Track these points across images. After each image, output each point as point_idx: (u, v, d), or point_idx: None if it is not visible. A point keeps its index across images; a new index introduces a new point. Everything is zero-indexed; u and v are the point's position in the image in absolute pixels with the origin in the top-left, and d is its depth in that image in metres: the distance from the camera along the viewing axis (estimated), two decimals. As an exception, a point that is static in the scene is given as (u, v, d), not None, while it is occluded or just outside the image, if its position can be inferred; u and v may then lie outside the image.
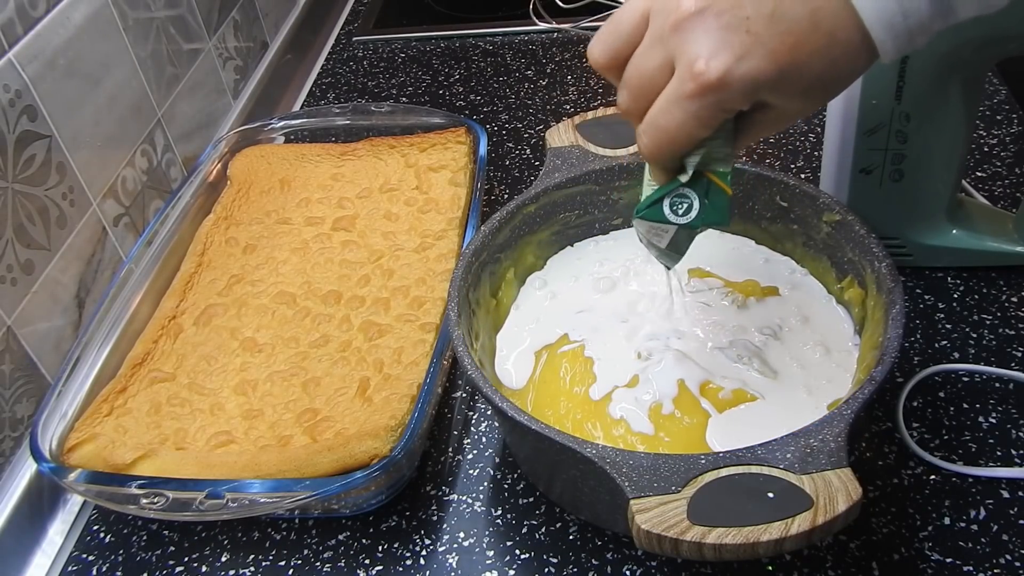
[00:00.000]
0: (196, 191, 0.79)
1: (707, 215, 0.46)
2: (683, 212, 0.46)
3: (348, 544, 0.57)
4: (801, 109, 0.42)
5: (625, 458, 0.44)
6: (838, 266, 0.59)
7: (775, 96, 0.40)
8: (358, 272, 0.70)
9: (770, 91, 0.39)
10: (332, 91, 1.04)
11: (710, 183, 0.45)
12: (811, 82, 0.39)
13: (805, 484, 0.42)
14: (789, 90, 0.39)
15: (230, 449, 0.58)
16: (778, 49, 0.38)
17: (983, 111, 0.83)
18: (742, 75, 0.38)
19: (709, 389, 0.53)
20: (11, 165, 0.63)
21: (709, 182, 0.45)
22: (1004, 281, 0.67)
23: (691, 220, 0.46)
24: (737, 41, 0.37)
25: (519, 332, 0.61)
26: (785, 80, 0.38)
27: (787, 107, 0.41)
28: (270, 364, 0.64)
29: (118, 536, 0.59)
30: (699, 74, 0.38)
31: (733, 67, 0.38)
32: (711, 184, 0.45)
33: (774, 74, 0.38)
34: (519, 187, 0.84)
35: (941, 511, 0.53)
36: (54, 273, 0.67)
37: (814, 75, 0.39)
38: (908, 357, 0.62)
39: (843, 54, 0.38)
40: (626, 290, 0.62)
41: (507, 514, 0.57)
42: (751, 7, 0.37)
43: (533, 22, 1.02)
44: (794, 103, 0.41)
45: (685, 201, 0.46)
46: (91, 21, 0.73)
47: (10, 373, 0.62)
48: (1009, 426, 0.57)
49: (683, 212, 0.46)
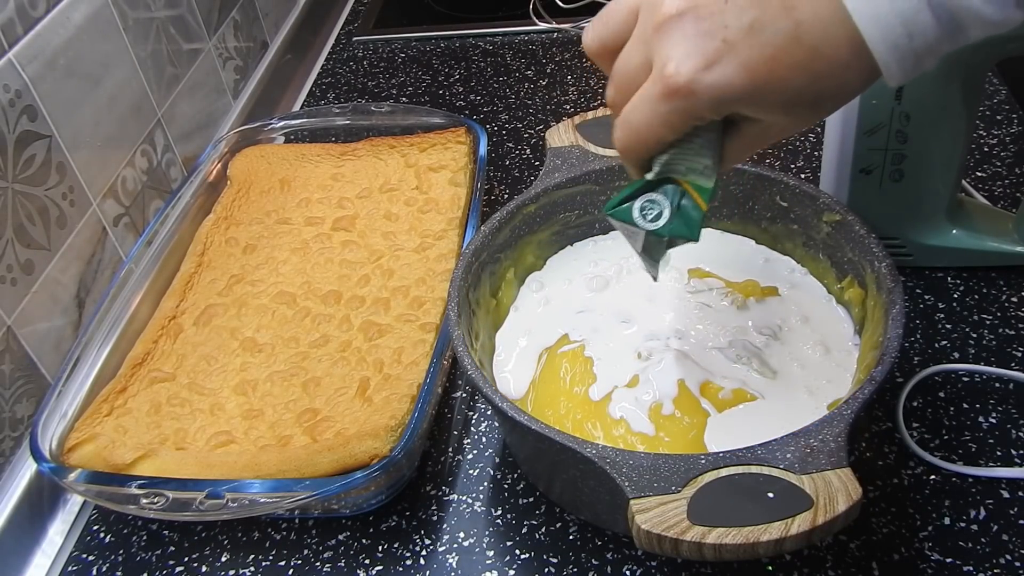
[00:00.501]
0: (196, 191, 0.79)
1: (675, 227, 0.45)
2: (652, 218, 0.45)
3: (348, 544, 0.57)
4: (789, 124, 0.41)
5: (625, 458, 0.44)
6: (838, 266, 0.59)
7: (752, 109, 0.39)
8: (358, 272, 0.70)
9: (745, 103, 0.38)
10: (332, 91, 1.04)
11: (684, 194, 0.44)
12: (791, 97, 0.38)
13: (805, 484, 0.42)
14: (767, 104, 0.39)
15: (230, 449, 0.58)
16: (754, 60, 0.37)
17: (983, 111, 0.83)
18: (710, 83, 0.37)
19: (709, 389, 0.53)
20: (11, 165, 0.63)
21: (684, 193, 0.44)
22: (1004, 281, 0.67)
23: (658, 228, 0.45)
24: (711, 48, 0.37)
25: (516, 336, 0.60)
26: (761, 93, 0.38)
27: (772, 121, 0.40)
28: (270, 364, 0.64)
29: (118, 536, 0.59)
30: (667, 77, 0.38)
31: (701, 74, 0.37)
32: (685, 195, 0.44)
33: (746, 85, 0.37)
34: (519, 187, 0.84)
35: (941, 511, 0.53)
36: (54, 273, 0.67)
37: (794, 90, 0.38)
38: (908, 357, 0.62)
39: (828, 70, 0.37)
40: (619, 289, 0.62)
41: (507, 514, 0.57)
42: (732, 16, 0.37)
43: (533, 22, 1.02)
44: (776, 118, 0.40)
45: (656, 207, 0.45)
46: (91, 21, 0.73)
47: (10, 373, 0.62)
48: (1009, 426, 0.57)
49: (652, 218, 0.45)
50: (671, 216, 0.45)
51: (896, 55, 0.36)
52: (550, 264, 0.65)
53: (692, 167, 0.43)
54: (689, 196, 0.44)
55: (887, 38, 0.36)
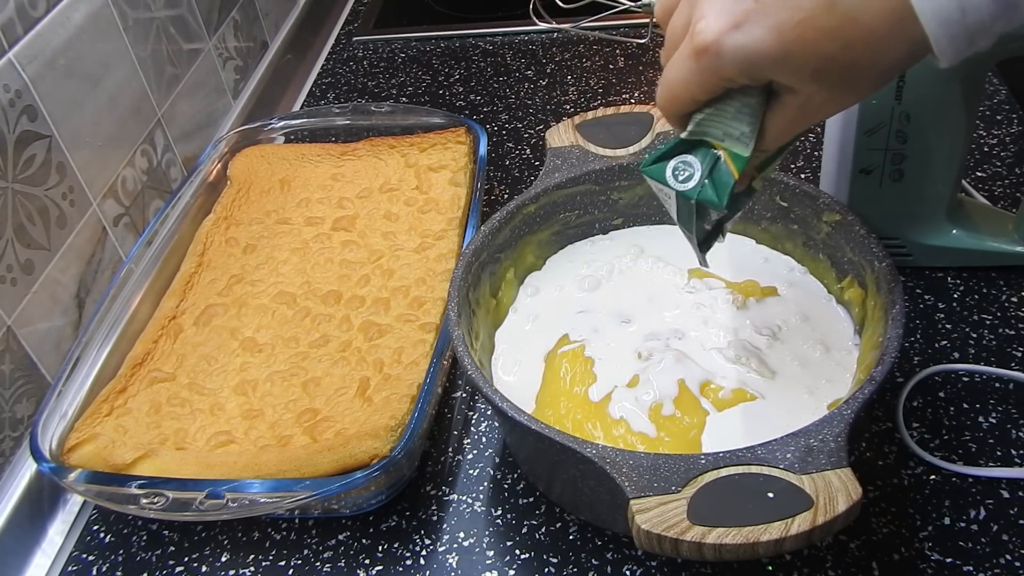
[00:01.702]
0: (196, 191, 0.79)
1: (704, 191, 0.44)
2: (683, 179, 0.45)
3: (348, 544, 0.57)
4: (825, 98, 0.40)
5: (625, 458, 0.44)
6: (838, 266, 0.59)
7: (783, 75, 0.39)
8: (358, 272, 0.70)
9: (772, 67, 0.38)
10: (332, 91, 1.04)
11: (718, 159, 0.44)
12: (821, 63, 0.38)
13: (805, 484, 0.42)
14: (795, 69, 0.38)
15: (230, 449, 0.58)
16: (783, 23, 0.37)
17: (983, 111, 0.83)
18: (735, 44, 0.37)
19: (709, 389, 0.53)
20: (11, 165, 0.63)
21: (717, 157, 0.44)
22: (1004, 281, 0.67)
23: (687, 190, 0.45)
24: (740, 9, 0.37)
25: (516, 337, 0.60)
26: (788, 57, 0.37)
27: (807, 92, 0.40)
28: (270, 364, 0.64)
29: (118, 536, 0.59)
30: (696, 35, 0.38)
31: (728, 34, 0.38)
32: (719, 161, 0.44)
33: (773, 48, 0.37)
34: (519, 187, 0.84)
35: (941, 511, 0.53)
36: (54, 273, 0.67)
37: (824, 56, 0.37)
38: (908, 357, 0.62)
39: (863, 39, 0.36)
40: (612, 288, 0.62)
41: (507, 514, 0.57)
42: None
43: (533, 22, 1.02)
44: (808, 87, 0.39)
45: (688, 169, 0.45)
46: (91, 21, 0.73)
47: (10, 373, 0.62)
48: (1009, 426, 0.57)
49: (683, 179, 0.45)
50: (701, 179, 0.44)
51: (947, 31, 0.35)
52: (550, 264, 0.65)
53: (729, 132, 0.43)
54: (724, 162, 0.44)
55: (939, 12, 0.35)
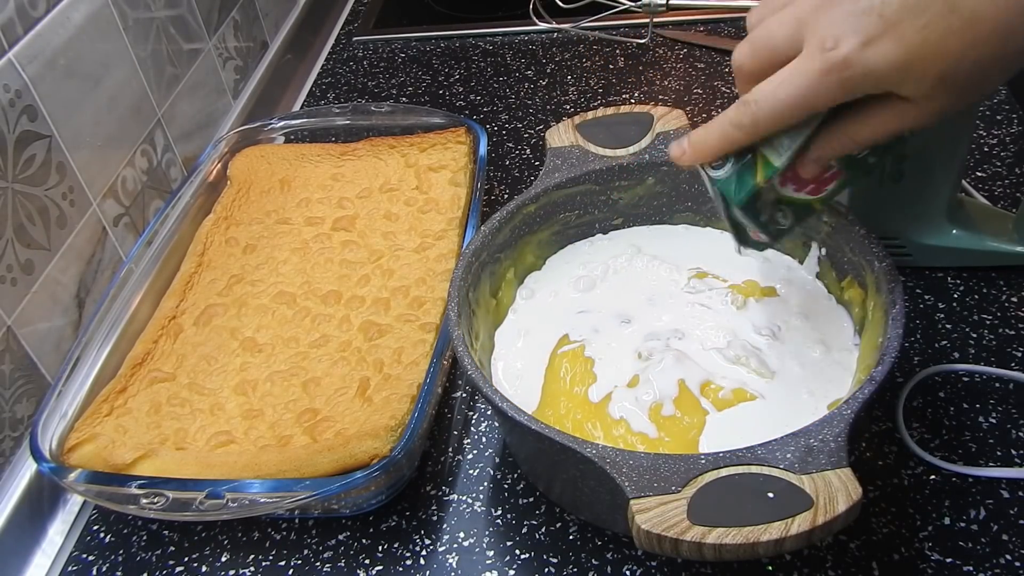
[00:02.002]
0: (196, 191, 0.78)
1: (725, 182, 0.47)
2: (716, 166, 0.48)
3: (348, 544, 0.57)
4: (940, 105, 0.41)
5: (625, 458, 0.44)
6: (838, 266, 0.59)
7: (908, 84, 0.39)
8: (358, 272, 0.70)
9: (899, 76, 0.39)
10: (332, 91, 1.04)
11: (753, 161, 0.46)
12: (948, 66, 0.38)
13: (805, 484, 0.42)
14: (921, 76, 0.39)
15: (230, 449, 0.58)
16: (907, 30, 0.38)
17: (983, 111, 0.83)
18: (869, 61, 0.39)
19: (709, 389, 0.53)
20: (11, 165, 0.63)
21: (752, 159, 0.46)
22: (1004, 281, 0.67)
23: (716, 175, 0.47)
24: (869, 23, 0.39)
25: (516, 337, 0.60)
26: (915, 63, 0.38)
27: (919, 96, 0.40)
28: (270, 364, 0.64)
29: (118, 536, 0.59)
30: (827, 51, 0.39)
31: (861, 51, 0.39)
32: (749, 160, 0.46)
33: (901, 59, 0.38)
34: (519, 187, 0.84)
35: (941, 511, 0.53)
36: (54, 273, 0.67)
37: (951, 57, 0.38)
38: (908, 357, 0.62)
39: (988, 34, 0.37)
40: (607, 288, 0.62)
41: (507, 514, 0.57)
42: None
43: (533, 22, 1.02)
44: (923, 88, 0.40)
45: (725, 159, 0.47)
46: (91, 21, 0.73)
47: (10, 373, 0.62)
48: (1009, 426, 0.57)
49: (716, 166, 0.48)
50: (730, 172, 0.47)
51: None
52: (550, 264, 0.65)
53: (774, 142, 0.45)
54: (755, 165, 0.46)
55: None
